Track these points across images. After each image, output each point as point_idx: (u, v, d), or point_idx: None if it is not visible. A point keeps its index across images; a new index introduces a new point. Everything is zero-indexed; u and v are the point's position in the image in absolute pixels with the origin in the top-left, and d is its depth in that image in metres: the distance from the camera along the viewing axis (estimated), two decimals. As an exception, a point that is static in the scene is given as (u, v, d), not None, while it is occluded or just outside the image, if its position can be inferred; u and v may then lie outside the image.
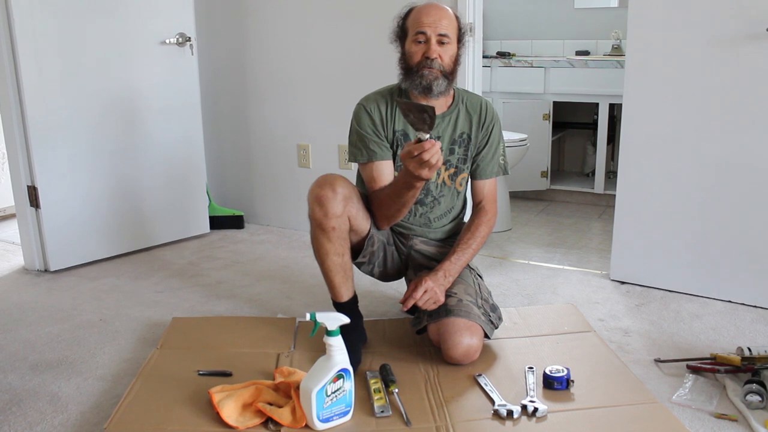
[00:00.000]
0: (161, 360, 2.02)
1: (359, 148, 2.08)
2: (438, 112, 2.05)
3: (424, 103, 2.01)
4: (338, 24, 3.19)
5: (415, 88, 2.01)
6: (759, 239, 2.40)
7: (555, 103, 4.10)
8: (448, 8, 2.03)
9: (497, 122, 2.15)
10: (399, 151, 2.08)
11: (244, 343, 2.15)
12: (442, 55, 1.98)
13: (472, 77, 2.94)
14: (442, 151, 1.76)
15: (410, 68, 2.01)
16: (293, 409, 1.68)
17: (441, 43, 1.98)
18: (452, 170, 2.13)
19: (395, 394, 1.77)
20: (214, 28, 3.52)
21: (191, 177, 3.34)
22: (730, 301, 2.48)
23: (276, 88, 3.42)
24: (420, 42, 1.98)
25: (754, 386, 1.75)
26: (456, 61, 2.03)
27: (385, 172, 2.06)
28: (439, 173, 2.11)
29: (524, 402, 1.74)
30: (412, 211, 2.14)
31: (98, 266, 2.99)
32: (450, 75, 2.02)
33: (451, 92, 2.11)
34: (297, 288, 2.70)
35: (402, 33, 2.06)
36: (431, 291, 1.94)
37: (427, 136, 1.71)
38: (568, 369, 1.84)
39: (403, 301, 1.97)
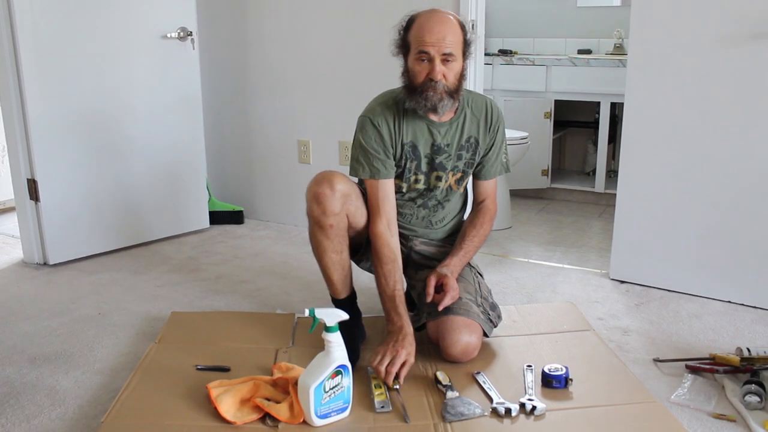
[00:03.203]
0: (159, 354, 2.02)
1: (362, 163, 2.01)
2: (445, 119, 2.02)
3: (427, 120, 1.99)
4: (340, 20, 3.18)
5: (420, 110, 1.95)
6: (759, 240, 2.40)
7: (556, 102, 4.09)
8: (451, 18, 1.90)
9: (502, 122, 2.12)
10: (407, 164, 2.03)
11: (243, 338, 2.14)
12: (447, 74, 1.89)
13: (474, 75, 2.94)
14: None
15: (414, 88, 1.92)
16: (291, 404, 1.68)
17: (445, 61, 1.88)
18: (459, 175, 2.11)
19: (397, 390, 1.77)
20: (216, 22, 3.51)
21: (191, 172, 3.33)
22: (729, 302, 2.48)
23: (277, 83, 3.42)
24: (423, 60, 1.89)
25: (753, 387, 1.75)
26: (461, 76, 1.94)
27: (387, 189, 2.01)
28: (446, 179, 2.09)
29: (522, 400, 1.73)
30: (414, 214, 2.13)
31: (97, 260, 2.99)
32: (455, 93, 1.94)
33: (456, 104, 2.03)
34: (296, 284, 2.69)
35: (404, 45, 1.95)
36: (456, 289, 1.94)
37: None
38: (566, 367, 1.84)
39: (431, 301, 1.94)
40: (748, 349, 1.93)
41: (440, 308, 1.91)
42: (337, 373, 1.65)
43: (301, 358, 1.95)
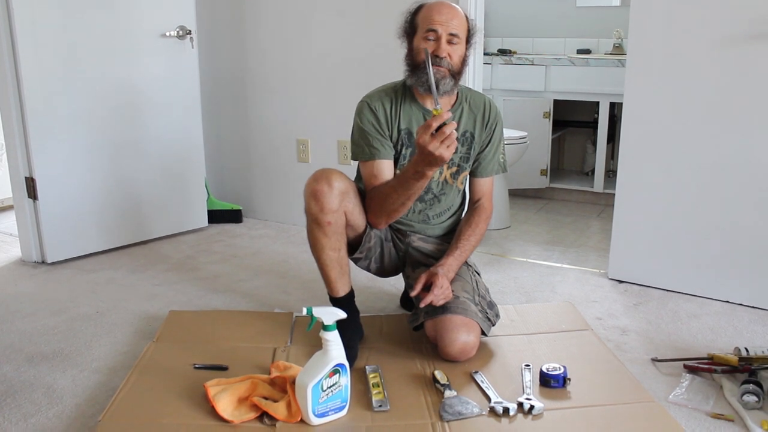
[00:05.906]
0: (157, 353, 2.02)
1: (361, 145, 2.05)
2: None
3: (424, 110, 2.00)
4: (339, 18, 3.18)
5: (421, 86, 1.99)
6: (758, 239, 2.39)
7: (555, 102, 4.09)
8: (459, 8, 2.01)
9: (500, 121, 2.14)
10: (403, 151, 2.06)
11: (241, 337, 2.14)
12: (451, 54, 1.96)
13: (473, 74, 2.93)
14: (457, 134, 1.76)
15: (417, 65, 1.98)
16: (289, 403, 1.68)
17: (451, 42, 1.95)
18: (454, 168, 2.12)
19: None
20: (215, 21, 3.51)
21: (190, 170, 3.33)
22: (728, 302, 2.48)
23: (276, 82, 3.41)
24: (430, 39, 1.96)
25: (751, 386, 1.75)
26: (464, 62, 2.01)
27: (386, 170, 2.04)
28: (441, 171, 2.10)
29: (520, 399, 1.73)
30: (412, 208, 2.13)
31: (95, 259, 2.98)
32: (457, 75, 2.00)
33: (455, 90, 2.09)
34: (294, 283, 2.69)
35: (411, 29, 2.03)
36: (446, 288, 1.94)
37: (447, 115, 1.72)
38: (564, 367, 1.84)
39: (415, 295, 1.95)
40: (746, 349, 1.92)
41: (421, 305, 1.91)
42: (335, 371, 1.65)
43: (299, 357, 1.96)
